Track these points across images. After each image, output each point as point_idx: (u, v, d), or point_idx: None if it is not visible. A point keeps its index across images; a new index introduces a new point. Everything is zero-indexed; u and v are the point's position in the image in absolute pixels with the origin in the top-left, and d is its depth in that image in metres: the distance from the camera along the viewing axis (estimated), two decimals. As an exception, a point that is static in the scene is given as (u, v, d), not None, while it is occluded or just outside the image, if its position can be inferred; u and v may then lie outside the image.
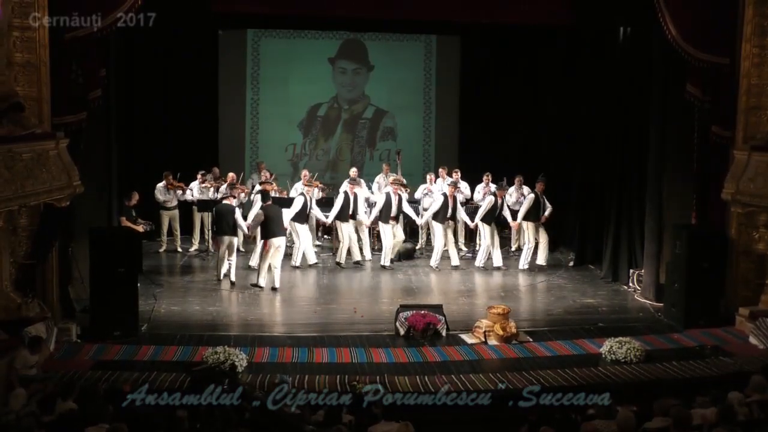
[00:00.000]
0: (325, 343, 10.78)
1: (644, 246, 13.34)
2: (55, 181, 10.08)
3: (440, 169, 16.92)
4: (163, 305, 12.38)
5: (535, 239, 15.07)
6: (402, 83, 19.06)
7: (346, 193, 15.03)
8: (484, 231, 15.14)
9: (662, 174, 12.92)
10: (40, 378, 8.97)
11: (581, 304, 13.00)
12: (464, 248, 16.73)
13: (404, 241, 15.96)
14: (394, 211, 15.04)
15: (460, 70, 19.02)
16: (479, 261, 15.18)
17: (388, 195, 15.04)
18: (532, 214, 15.09)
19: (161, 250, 16.06)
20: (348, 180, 15.42)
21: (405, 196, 15.98)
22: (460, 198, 16.38)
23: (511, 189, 16.51)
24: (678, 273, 12.00)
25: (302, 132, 18.99)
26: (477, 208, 16.27)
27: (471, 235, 17.05)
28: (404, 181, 16.35)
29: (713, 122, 11.94)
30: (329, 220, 15.05)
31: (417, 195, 16.43)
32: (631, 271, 13.83)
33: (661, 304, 12.56)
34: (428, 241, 16.51)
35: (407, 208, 15.26)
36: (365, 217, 15.16)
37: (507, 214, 15.35)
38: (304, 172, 16.37)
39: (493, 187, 16.49)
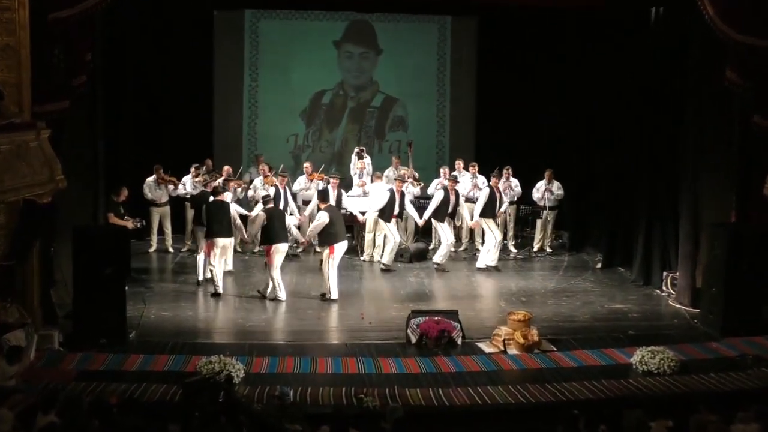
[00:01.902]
0: (330, 352, 10.76)
1: (679, 246, 13.28)
2: (36, 176, 10.06)
3: (457, 162, 16.90)
4: (153, 310, 12.37)
5: (493, 236, 14.99)
6: (414, 68, 19.02)
7: (392, 191, 14.99)
8: (487, 227, 15.06)
9: (698, 168, 12.85)
10: (20, 390, 8.96)
11: (610, 309, 12.96)
12: (481, 248, 16.74)
13: (416, 241, 15.95)
14: (397, 210, 15.04)
15: (477, 54, 18.98)
16: (490, 260, 15.08)
17: (392, 192, 15.01)
18: (489, 210, 15.08)
19: (151, 249, 16.08)
20: (395, 177, 15.37)
21: (416, 191, 15.98)
22: (477, 194, 16.38)
23: (540, 183, 16.56)
24: (716, 276, 11.93)
25: (305, 122, 18.98)
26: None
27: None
28: (417, 176, 16.36)
29: (754, 111, 11.85)
30: (425, 217, 15.02)
31: (431, 190, 16.42)
32: (665, 273, 13.78)
33: (698, 310, 12.51)
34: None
35: (409, 207, 15.23)
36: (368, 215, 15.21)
37: (505, 204, 15.46)
38: (307, 165, 16.40)
39: (514, 181, 16.50)
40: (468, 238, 17.01)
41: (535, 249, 16.69)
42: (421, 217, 15.23)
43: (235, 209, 13.76)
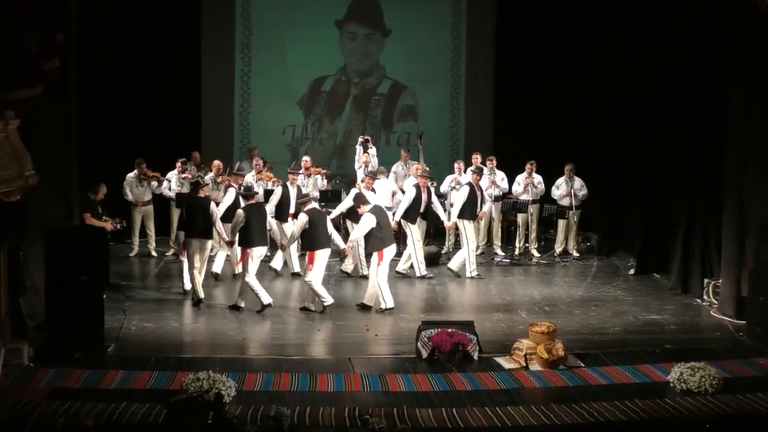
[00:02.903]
0: (332, 368, 10.74)
1: (722, 250, 13.22)
2: (2, 171, 10.06)
3: (473, 156, 16.87)
4: (135, 321, 12.37)
5: (467, 243, 14.94)
6: (425, 51, 19.02)
7: (417, 187, 14.98)
8: (464, 230, 15.01)
9: (744, 164, 12.79)
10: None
11: (644, 321, 12.92)
12: (500, 252, 16.73)
13: (427, 244, 15.94)
14: (423, 209, 15.05)
15: (496, 34, 18.96)
16: (467, 270, 15.05)
17: (417, 188, 14.97)
18: (468, 211, 15.00)
19: (132, 254, 16.10)
20: (420, 172, 15.33)
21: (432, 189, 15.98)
22: (496, 192, 16.40)
23: (560, 180, 16.56)
24: (764, 284, 11.87)
25: (303, 111, 18.99)
26: (517, 202, 16.30)
27: (509, 237, 17.06)
28: (428, 171, 16.34)
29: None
30: (396, 218, 14.90)
31: (443, 188, 16.45)
32: (706, 281, 13.73)
33: (743, 322, 12.45)
34: (456, 243, 16.49)
35: (437, 206, 15.19)
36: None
37: (487, 206, 15.40)
38: (305, 159, 16.39)
39: (537, 178, 16.50)
40: (485, 241, 17.00)
41: (557, 252, 16.67)
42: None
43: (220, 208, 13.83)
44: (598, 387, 10.38)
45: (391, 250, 13.12)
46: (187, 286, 13.61)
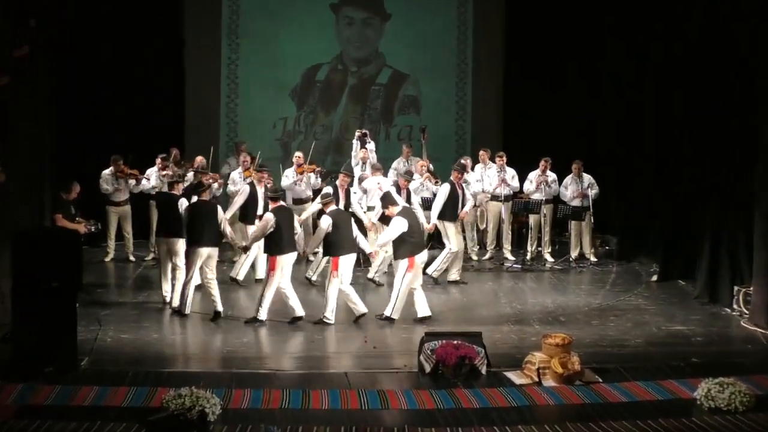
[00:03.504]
0: (326, 384, 10.70)
1: (753, 255, 13.20)
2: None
3: (481, 152, 16.87)
4: (111, 332, 12.35)
5: (449, 245, 14.92)
6: (428, 38, 19.03)
7: (452, 183, 14.97)
8: (445, 232, 14.98)
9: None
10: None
11: (668, 332, 12.90)
12: (510, 257, 16.73)
13: (430, 248, 15.91)
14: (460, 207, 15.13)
15: (506, 19, 18.96)
16: (453, 274, 15.08)
17: (452, 184, 14.95)
18: (448, 211, 14.95)
19: (108, 258, 16.09)
20: (453, 166, 15.32)
21: (435, 188, 15.95)
22: (506, 191, 16.38)
23: (568, 179, 16.58)
24: (799, 291, 11.86)
25: (296, 102, 18.99)
26: (529, 202, 16.29)
27: (520, 240, 17.06)
28: (431, 168, 16.33)
29: None
30: (432, 219, 14.92)
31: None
32: (736, 288, 13.72)
33: (777, 333, 12.46)
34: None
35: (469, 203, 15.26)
36: (364, 215, 15.09)
37: (468, 205, 15.32)
38: (298, 155, 16.37)
39: (551, 176, 16.50)
40: (494, 244, 16.98)
41: (573, 257, 16.66)
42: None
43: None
44: (617, 404, 10.34)
45: (422, 257, 13.07)
46: (168, 296, 13.57)
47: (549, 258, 16.77)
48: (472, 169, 16.53)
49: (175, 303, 13.29)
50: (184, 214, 13.21)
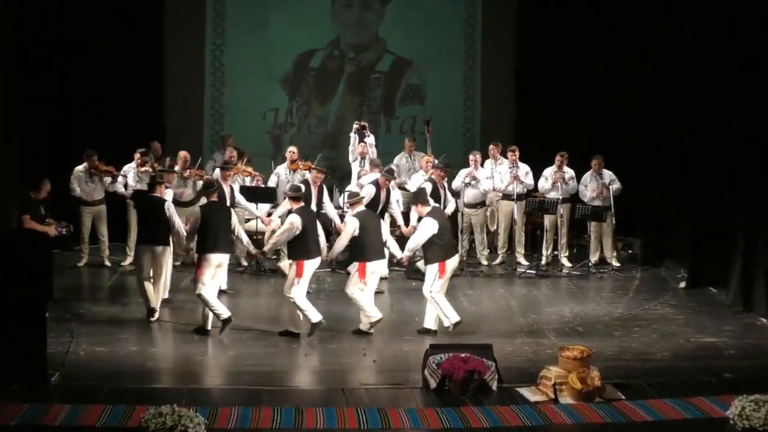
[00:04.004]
0: (321, 401, 10.69)
1: (791, 259, 13.23)
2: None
3: (491, 147, 16.88)
4: (84, 345, 12.32)
5: None
6: (433, 21, 19.07)
7: (433, 182, 15.05)
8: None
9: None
10: None
11: (697, 344, 12.89)
12: (524, 261, 16.72)
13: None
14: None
15: (519, 1, 18.93)
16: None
17: (434, 183, 14.96)
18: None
19: (81, 263, 16.09)
20: (439, 162, 15.36)
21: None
22: (518, 189, 16.40)
23: (587, 176, 16.59)
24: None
25: (288, 92, 19.01)
26: (544, 201, 16.29)
27: (534, 244, 17.06)
28: (437, 163, 16.34)
29: None
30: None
31: (456, 184, 16.42)
32: (772, 296, 13.74)
33: (817, 346, 12.45)
34: (470, 250, 16.54)
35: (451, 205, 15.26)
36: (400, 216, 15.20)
37: (450, 206, 15.32)
38: (291, 150, 16.36)
39: (569, 172, 16.50)
40: (505, 248, 16.97)
41: (593, 261, 16.66)
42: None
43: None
44: (641, 424, 10.33)
45: (453, 262, 13.07)
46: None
47: (566, 263, 16.78)
48: (482, 165, 16.54)
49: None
50: (195, 219, 13.00)
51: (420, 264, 14.78)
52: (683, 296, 15.12)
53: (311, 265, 12.78)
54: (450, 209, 15.35)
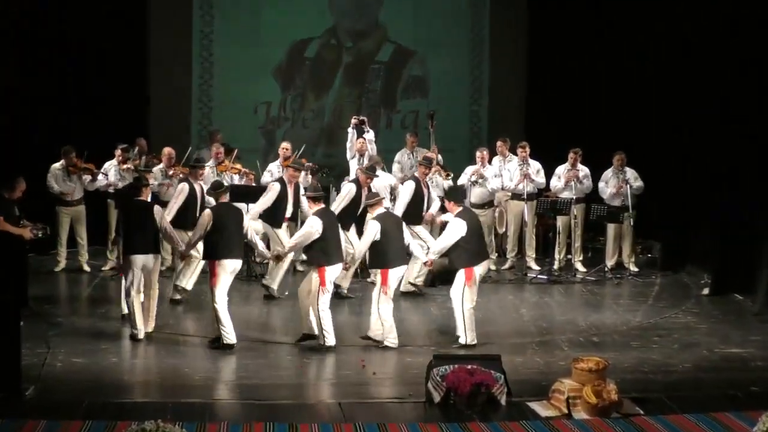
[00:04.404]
0: (317, 416, 10.70)
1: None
2: None
3: (499, 143, 16.87)
4: (61, 356, 12.32)
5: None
6: (437, 7, 19.05)
7: (417, 181, 15.04)
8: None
9: None
10: None
11: (722, 355, 12.89)
12: (535, 266, 16.73)
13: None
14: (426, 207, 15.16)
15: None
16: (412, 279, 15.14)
17: (417, 181, 15.00)
18: (412, 213, 14.92)
19: (59, 268, 16.09)
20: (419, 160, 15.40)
21: (446, 184, 15.96)
22: (529, 188, 16.39)
23: (608, 173, 16.61)
24: None
25: (281, 84, 19.00)
26: (556, 201, 16.29)
27: (546, 247, 17.06)
28: (441, 161, 16.35)
29: None
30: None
31: (461, 181, 16.40)
32: (803, 303, 13.74)
33: None
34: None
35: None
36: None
37: (434, 206, 15.27)
38: (285, 146, 16.36)
39: (583, 170, 16.50)
40: (515, 251, 16.98)
41: (609, 266, 16.67)
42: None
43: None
44: (662, 441, 10.37)
45: (482, 268, 13.07)
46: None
47: (580, 267, 16.77)
48: (490, 162, 16.53)
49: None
50: (207, 223, 12.75)
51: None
52: (706, 303, 15.12)
53: (333, 271, 12.79)
54: (434, 209, 15.33)
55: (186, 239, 13.78)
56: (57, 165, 15.86)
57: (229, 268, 12.74)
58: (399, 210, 14.90)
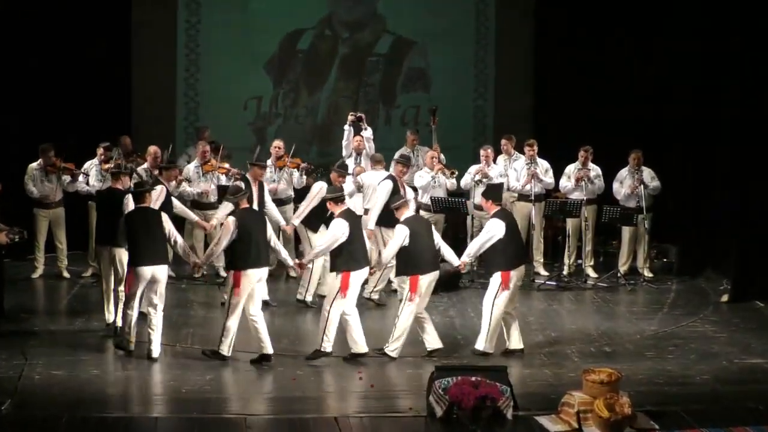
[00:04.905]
0: (312, 431, 10.73)
1: None
2: None
3: (503, 141, 16.89)
4: (39, 368, 12.34)
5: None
6: (439, -4, 19.10)
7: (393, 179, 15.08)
8: (385, 238, 14.95)
9: None
10: None
11: (742, 366, 12.92)
12: (543, 271, 16.75)
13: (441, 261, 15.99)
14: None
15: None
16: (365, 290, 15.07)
17: (394, 180, 15.01)
18: (388, 214, 14.71)
19: (36, 275, 16.10)
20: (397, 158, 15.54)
21: (449, 183, 16.00)
22: (537, 189, 16.41)
23: (623, 172, 16.62)
24: None
25: (272, 78, 19.01)
26: (566, 203, 16.31)
27: (555, 251, 17.08)
28: (444, 160, 16.39)
29: None
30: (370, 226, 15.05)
31: (464, 183, 16.43)
32: (828, 311, 13.79)
33: None
34: (480, 260, 16.56)
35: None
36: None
37: (411, 205, 15.21)
38: (277, 145, 16.38)
39: (594, 170, 16.53)
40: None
41: (622, 271, 16.71)
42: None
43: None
44: (678, 457, 10.41)
45: (519, 273, 13.11)
46: (112, 317, 13.57)
47: (592, 273, 16.80)
48: (494, 161, 16.54)
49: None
50: (233, 233, 12.56)
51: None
52: (726, 311, 15.14)
53: (359, 277, 12.82)
54: (411, 211, 15.31)
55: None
56: (34, 165, 15.87)
57: (255, 278, 12.68)
58: (376, 211, 15.01)
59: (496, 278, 12.90)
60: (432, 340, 12.93)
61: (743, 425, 11.04)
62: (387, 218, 14.61)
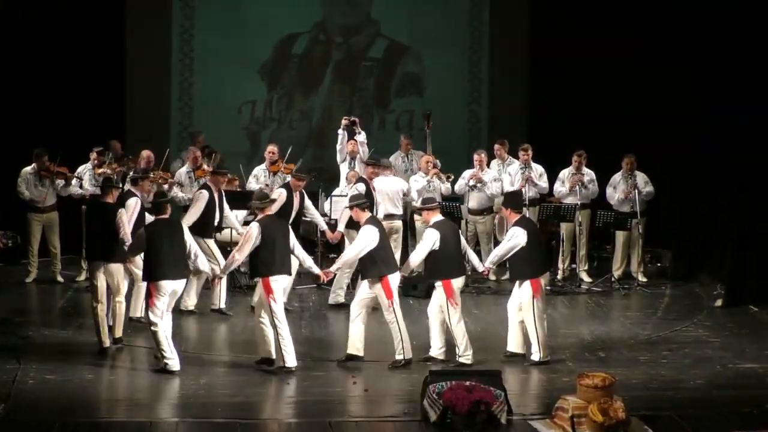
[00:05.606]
0: (305, 437, 10.75)
1: None
2: None
3: (496, 146, 16.91)
4: (33, 373, 12.33)
5: None
6: (434, 0, 19.06)
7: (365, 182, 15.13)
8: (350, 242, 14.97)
9: None
10: None
11: (736, 370, 12.92)
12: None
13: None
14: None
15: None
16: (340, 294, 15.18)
17: (367, 184, 15.05)
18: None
19: (29, 279, 16.08)
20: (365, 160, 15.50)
21: (444, 188, 16.01)
22: (531, 193, 16.43)
23: (617, 177, 16.63)
24: None
25: (266, 82, 19.01)
26: (560, 207, 16.31)
27: (549, 254, 17.07)
28: (438, 164, 16.39)
29: None
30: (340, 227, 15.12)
31: (458, 187, 16.43)
32: (823, 316, 13.79)
33: None
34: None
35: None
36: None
37: (380, 209, 15.39)
38: (271, 149, 16.38)
39: (588, 174, 16.51)
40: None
41: (616, 276, 16.73)
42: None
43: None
44: (672, 462, 10.42)
45: (544, 279, 13.12)
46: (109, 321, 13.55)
47: (586, 277, 16.81)
48: (488, 165, 16.55)
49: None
50: (255, 239, 12.43)
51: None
52: (720, 316, 15.15)
53: (395, 280, 12.79)
54: (380, 214, 15.29)
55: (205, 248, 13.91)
56: (28, 168, 15.86)
57: (282, 284, 12.69)
58: (343, 218, 15.03)
59: (526, 288, 12.83)
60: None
61: (737, 430, 11.05)
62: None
